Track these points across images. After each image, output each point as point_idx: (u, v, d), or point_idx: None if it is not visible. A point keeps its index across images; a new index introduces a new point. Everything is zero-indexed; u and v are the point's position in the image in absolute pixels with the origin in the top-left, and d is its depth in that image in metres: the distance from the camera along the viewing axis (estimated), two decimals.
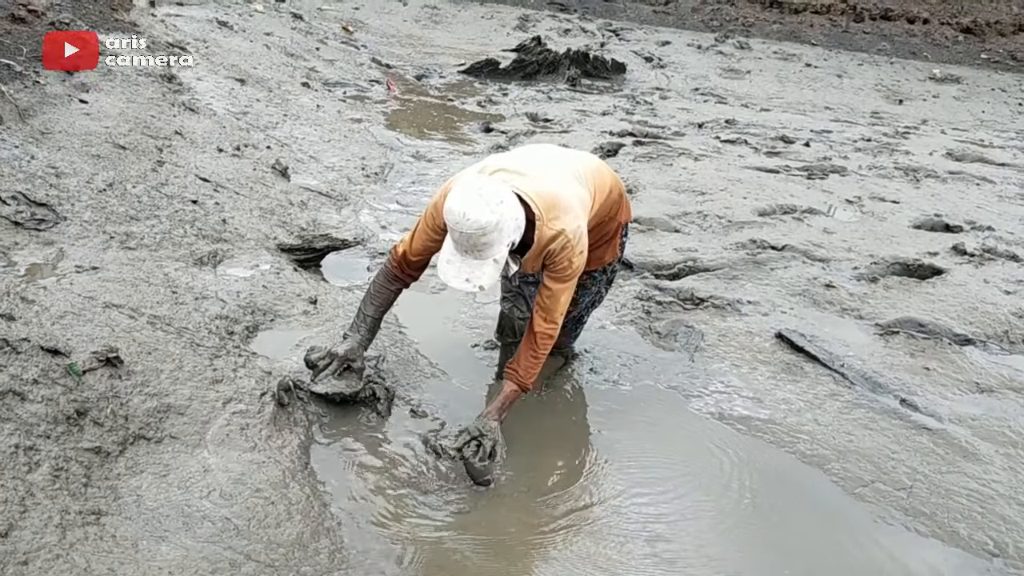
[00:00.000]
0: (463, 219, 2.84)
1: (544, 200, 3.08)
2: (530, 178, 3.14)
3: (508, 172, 3.16)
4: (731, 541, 3.00)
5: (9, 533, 2.24)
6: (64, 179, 4.20)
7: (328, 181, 6.23)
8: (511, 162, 3.29)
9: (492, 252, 2.93)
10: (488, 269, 2.94)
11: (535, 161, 3.35)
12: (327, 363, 3.41)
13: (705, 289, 4.95)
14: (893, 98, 14.33)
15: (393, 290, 3.46)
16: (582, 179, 3.34)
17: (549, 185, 3.15)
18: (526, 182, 3.11)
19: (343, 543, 2.72)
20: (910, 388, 4.09)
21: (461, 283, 2.95)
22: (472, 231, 2.84)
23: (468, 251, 2.92)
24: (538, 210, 3.05)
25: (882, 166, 8.49)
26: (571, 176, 3.30)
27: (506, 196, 2.93)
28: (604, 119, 9.87)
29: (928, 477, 3.45)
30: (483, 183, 2.98)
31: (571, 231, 3.08)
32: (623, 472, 3.34)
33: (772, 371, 4.18)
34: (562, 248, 3.09)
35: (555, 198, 3.11)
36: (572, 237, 3.09)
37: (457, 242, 2.94)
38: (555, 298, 3.19)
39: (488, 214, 2.84)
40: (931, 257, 5.61)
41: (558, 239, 3.08)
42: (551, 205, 3.09)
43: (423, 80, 11.78)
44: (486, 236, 2.86)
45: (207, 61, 8.17)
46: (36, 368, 2.79)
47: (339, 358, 3.39)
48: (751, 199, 6.60)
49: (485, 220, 2.83)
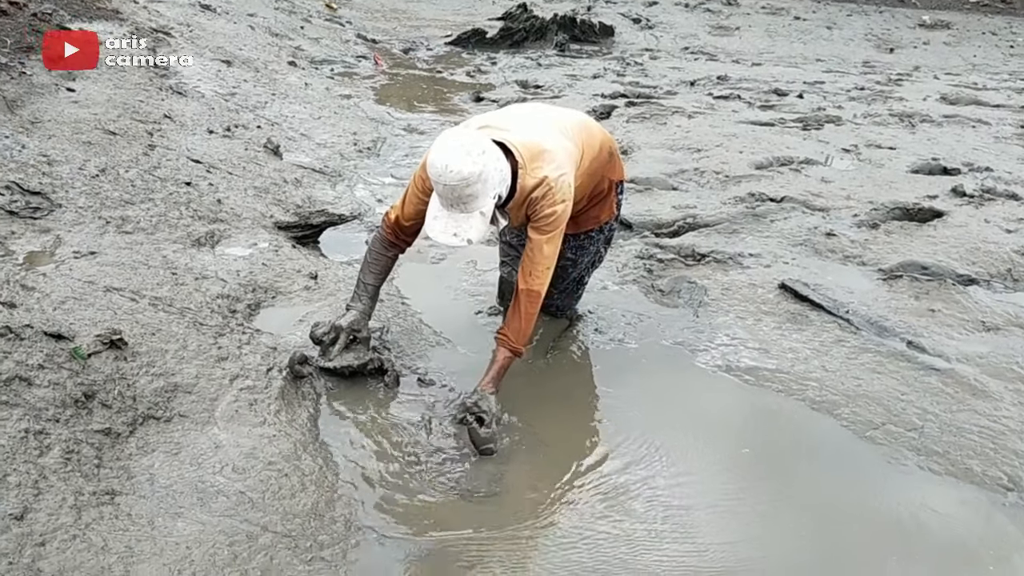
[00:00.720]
0: (446, 171, 2.81)
1: (528, 149, 3.06)
2: (514, 131, 3.13)
3: (493, 128, 3.14)
4: (744, 493, 2.99)
5: (25, 516, 2.24)
6: (56, 167, 4.17)
7: (321, 158, 6.20)
8: (496, 119, 3.27)
9: (478, 204, 2.90)
10: (475, 222, 2.91)
11: (521, 117, 3.32)
12: (333, 337, 3.40)
13: (706, 244, 4.93)
14: (884, 47, 14.24)
15: (390, 256, 3.45)
16: (569, 134, 3.30)
17: (534, 136, 3.13)
18: (511, 134, 3.09)
19: (358, 512, 2.72)
20: (916, 330, 4.08)
21: (449, 238, 2.92)
22: (455, 182, 2.81)
23: (454, 204, 2.90)
24: (521, 159, 3.03)
25: (877, 114, 8.44)
26: (557, 131, 3.27)
27: (488, 146, 2.90)
28: (595, 82, 9.81)
29: (939, 417, 3.45)
30: (464, 135, 2.95)
31: (553, 178, 3.05)
32: (632, 430, 3.32)
33: (777, 321, 4.17)
34: (544, 196, 3.06)
35: (539, 147, 3.08)
36: (554, 184, 3.05)
37: (442, 196, 2.90)
38: (539, 251, 3.12)
39: (471, 164, 2.81)
40: (930, 200, 5.59)
41: (540, 186, 3.05)
42: (535, 155, 3.06)
43: (410, 53, 11.70)
44: (470, 187, 2.83)
45: (192, 44, 8.09)
46: (41, 353, 2.78)
47: (344, 330, 3.38)
48: (747, 153, 6.56)
49: (468, 170, 2.80)
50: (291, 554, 2.46)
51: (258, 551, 2.43)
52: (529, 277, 3.13)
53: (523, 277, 3.15)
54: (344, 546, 2.54)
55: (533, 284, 3.14)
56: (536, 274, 3.13)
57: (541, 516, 2.82)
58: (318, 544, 2.53)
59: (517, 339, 3.18)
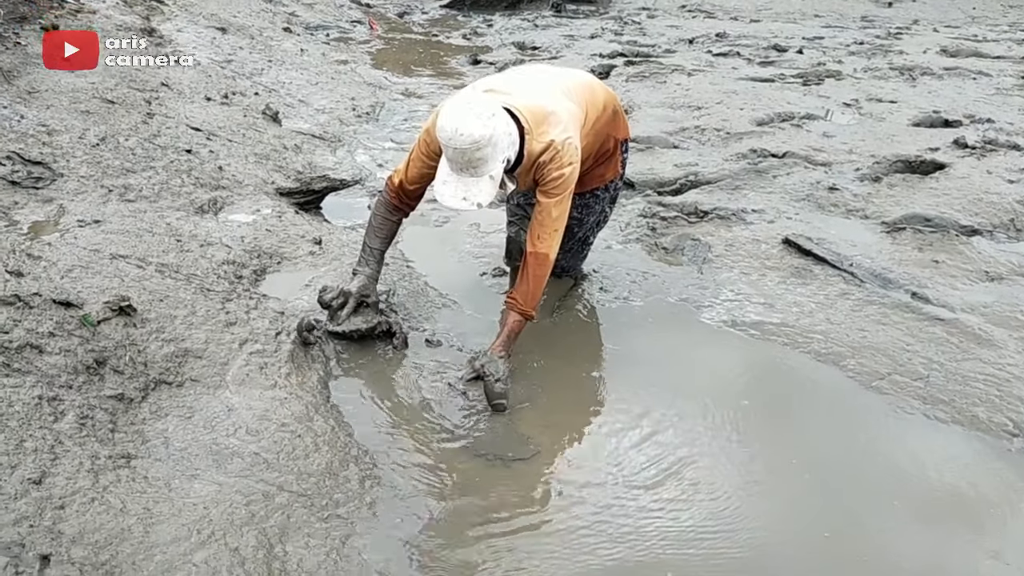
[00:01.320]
0: (456, 134, 2.81)
1: (533, 114, 3.06)
2: (519, 95, 3.12)
3: (497, 92, 3.14)
4: (750, 445, 3.01)
5: (43, 480, 2.27)
6: (56, 136, 4.15)
7: (320, 123, 6.17)
8: (500, 83, 3.27)
9: (487, 168, 2.90)
10: (485, 186, 2.91)
11: (524, 80, 3.32)
12: (341, 302, 3.40)
13: (708, 202, 4.92)
14: (882, 1, 14.09)
15: (394, 220, 3.45)
16: (572, 95, 3.30)
17: (539, 100, 3.12)
18: (515, 98, 3.09)
19: (371, 470, 2.75)
20: (920, 281, 4.09)
21: (459, 202, 2.92)
22: (466, 146, 2.82)
23: (463, 168, 2.90)
24: (527, 124, 3.03)
25: (877, 67, 8.39)
26: (560, 93, 3.26)
27: (497, 110, 2.91)
28: (593, 42, 9.74)
29: (944, 366, 3.47)
30: (474, 99, 2.95)
31: (559, 141, 3.05)
32: (639, 387, 3.34)
33: (781, 276, 4.18)
34: (551, 159, 3.06)
35: (544, 111, 3.08)
36: (561, 148, 3.05)
37: (452, 160, 2.91)
38: (548, 214, 3.13)
39: (481, 127, 2.81)
40: (932, 153, 5.57)
41: (547, 150, 3.06)
42: (540, 119, 3.07)
43: (405, 17, 11.60)
44: (480, 151, 2.84)
45: (186, 12, 8.02)
46: (51, 321, 2.79)
47: (353, 295, 3.39)
48: (748, 110, 6.53)
49: (479, 134, 2.80)
50: (307, 512, 2.49)
51: (275, 510, 2.46)
52: (538, 240, 3.14)
53: (531, 240, 3.16)
54: (360, 503, 2.57)
55: (541, 247, 3.15)
56: (544, 237, 3.14)
57: (547, 472, 2.85)
58: (334, 502, 2.56)
59: (526, 302, 3.20)
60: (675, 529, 2.60)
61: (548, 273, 3.22)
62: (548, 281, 3.96)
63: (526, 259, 3.19)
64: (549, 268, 3.20)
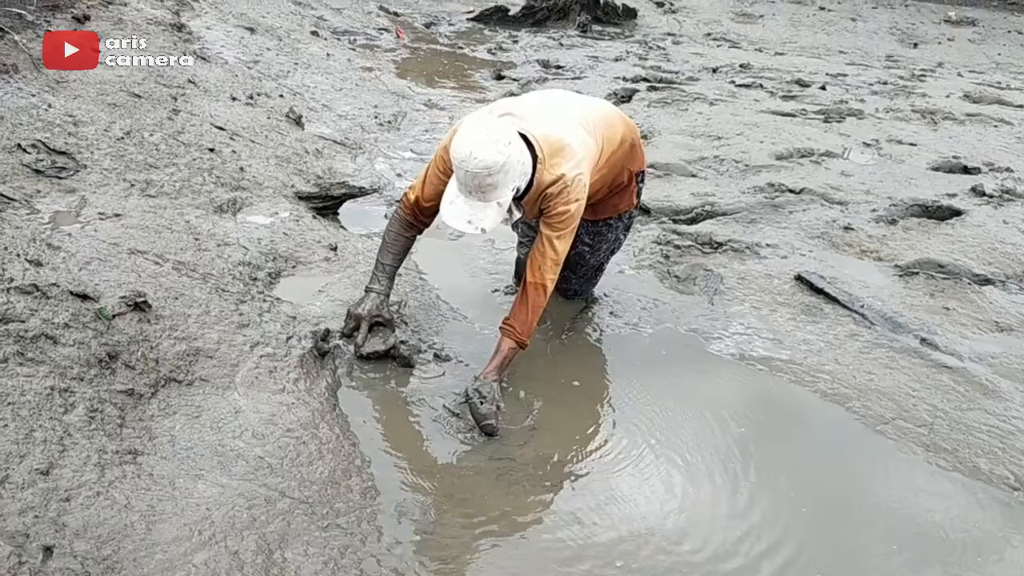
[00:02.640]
0: (470, 158, 2.82)
1: (549, 144, 3.07)
2: (536, 122, 3.13)
3: (515, 116, 3.16)
4: (753, 484, 3.02)
5: (50, 471, 2.29)
6: (82, 127, 4.20)
7: (342, 129, 6.21)
8: (519, 107, 3.27)
9: (497, 195, 2.92)
10: (491, 212, 2.93)
11: (543, 107, 3.32)
12: (353, 326, 3.42)
13: (723, 233, 4.94)
14: (908, 41, 14.13)
15: (408, 237, 3.47)
16: (590, 128, 3.31)
17: (556, 130, 3.13)
18: (533, 125, 3.10)
19: (373, 481, 2.76)
20: (930, 328, 4.09)
21: (463, 224, 2.94)
22: (478, 170, 2.83)
23: (472, 192, 2.91)
24: (541, 153, 3.04)
25: (899, 109, 8.40)
26: (578, 124, 3.27)
27: (514, 138, 2.92)
28: (617, 65, 9.78)
29: (949, 414, 3.47)
30: (492, 124, 2.97)
31: (570, 177, 3.06)
32: (644, 414, 3.35)
33: (792, 313, 4.18)
34: (559, 193, 3.08)
35: (559, 143, 3.09)
36: (570, 183, 3.06)
37: (462, 182, 2.92)
38: (549, 246, 3.14)
39: (495, 154, 2.82)
40: (950, 198, 5.57)
41: (556, 183, 3.07)
42: (555, 150, 3.08)
43: (432, 28, 11.66)
44: (491, 177, 2.85)
45: (216, 10, 8.09)
46: (67, 312, 2.82)
47: (364, 318, 3.39)
48: (768, 143, 6.55)
49: (492, 160, 2.82)
50: (308, 520, 2.51)
51: (276, 515, 2.47)
52: (537, 271, 3.15)
53: (531, 270, 3.17)
54: (360, 514, 2.59)
55: (540, 278, 3.16)
56: (544, 268, 3.15)
57: (544, 493, 2.86)
58: (334, 511, 2.57)
59: (522, 330, 3.20)
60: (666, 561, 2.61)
61: (545, 303, 3.23)
62: (559, 301, 4.04)
63: (524, 288, 3.19)
64: (546, 298, 3.22)
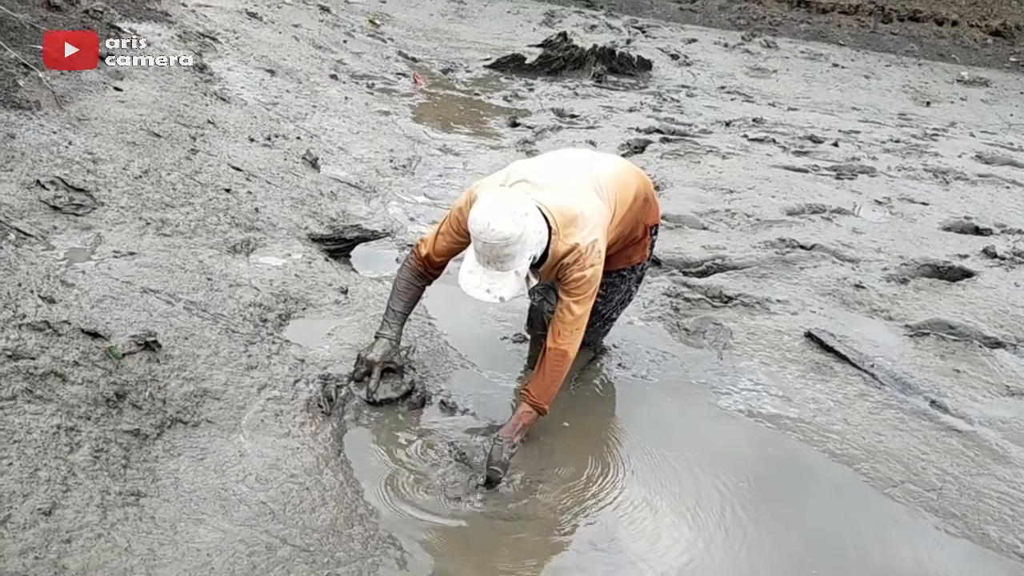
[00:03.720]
0: (487, 229, 2.86)
1: (562, 215, 3.10)
2: (550, 191, 3.16)
3: (530, 184, 3.19)
4: (758, 543, 2.99)
5: (52, 511, 2.28)
6: (101, 165, 4.24)
7: (357, 172, 6.26)
8: (533, 173, 3.30)
9: (514, 264, 2.94)
10: (509, 280, 2.95)
11: (557, 172, 3.35)
12: (365, 371, 3.43)
13: (734, 287, 4.94)
14: (921, 100, 14.19)
15: (419, 286, 3.50)
16: (603, 191, 3.33)
17: (568, 200, 3.16)
18: (546, 195, 3.13)
19: (376, 531, 2.74)
20: (940, 390, 4.07)
21: (482, 294, 2.96)
22: (496, 241, 2.86)
23: (491, 262, 2.94)
24: (555, 224, 3.07)
25: (911, 167, 8.42)
26: (591, 189, 3.29)
27: (530, 209, 2.96)
28: (631, 115, 9.85)
29: (958, 479, 3.44)
30: (509, 195, 3.01)
31: (584, 245, 3.09)
32: (650, 468, 3.34)
33: (801, 370, 4.17)
34: (575, 262, 3.10)
35: (572, 213, 3.12)
36: (584, 251, 3.09)
37: (480, 252, 2.95)
38: (569, 312, 3.14)
39: (512, 225, 2.86)
40: (961, 259, 5.56)
41: (571, 253, 3.09)
42: (568, 220, 3.10)
43: (449, 74, 11.78)
44: (509, 247, 2.88)
45: (237, 51, 8.20)
46: (77, 350, 2.83)
47: (377, 364, 3.42)
48: (779, 198, 6.57)
49: (509, 231, 2.85)
50: (308, 569, 2.49)
51: (276, 563, 2.46)
52: (558, 337, 3.16)
53: (552, 336, 3.18)
54: (361, 564, 2.57)
55: (561, 344, 3.15)
56: (565, 335, 3.15)
57: (550, 546, 2.84)
58: (335, 560, 2.55)
59: (540, 396, 3.19)
60: None
61: (566, 369, 3.22)
62: None
63: (545, 354, 3.20)
64: (567, 365, 3.21)
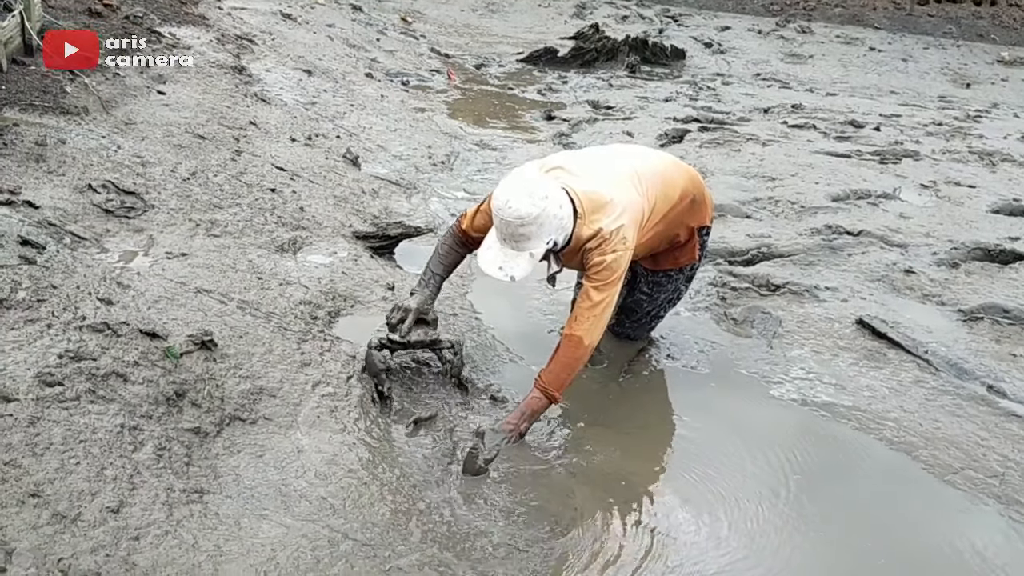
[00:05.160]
0: (505, 206, 2.87)
1: (591, 200, 3.07)
2: (584, 178, 3.15)
3: (564, 171, 3.18)
4: (813, 532, 2.96)
5: (120, 509, 2.31)
6: (149, 168, 4.30)
7: (397, 170, 6.28)
8: (571, 161, 3.29)
9: (529, 245, 2.94)
10: (523, 261, 2.95)
11: (595, 162, 3.33)
12: (401, 316, 3.42)
13: (781, 275, 4.88)
14: (960, 82, 13.97)
15: (460, 253, 3.49)
16: (641, 185, 3.27)
17: (600, 186, 3.13)
18: (578, 181, 3.12)
19: (433, 526, 2.75)
20: (997, 375, 3.99)
21: (494, 270, 2.97)
22: (512, 219, 2.87)
23: (506, 239, 2.95)
24: (582, 208, 3.05)
25: (956, 150, 8.29)
26: (628, 181, 3.24)
27: (553, 192, 2.94)
28: (667, 105, 9.79)
29: (1021, 464, 3.37)
30: (533, 176, 3.01)
31: (608, 231, 3.05)
32: (704, 463, 3.30)
33: (854, 358, 4.11)
34: (597, 247, 3.07)
35: (602, 200, 3.09)
36: (608, 236, 3.05)
37: (498, 229, 2.96)
38: (588, 298, 3.10)
39: (530, 206, 2.85)
40: (1012, 242, 5.47)
41: (595, 238, 3.07)
42: (597, 206, 3.08)
43: (482, 69, 11.79)
44: (524, 227, 2.88)
45: (274, 53, 8.27)
46: (136, 351, 2.87)
47: (412, 311, 3.40)
48: (823, 184, 6.50)
49: (525, 211, 2.85)
50: (369, 563, 2.50)
51: (339, 557, 2.47)
52: (574, 322, 3.12)
53: (569, 322, 3.15)
54: (420, 558, 2.57)
55: (576, 329, 3.11)
56: (581, 320, 3.11)
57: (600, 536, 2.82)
58: (396, 554, 2.56)
59: (550, 383, 3.13)
60: None
61: (583, 357, 3.15)
62: (616, 343, 4.01)
63: (561, 340, 3.16)
64: (584, 353, 3.14)
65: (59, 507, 2.21)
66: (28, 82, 4.71)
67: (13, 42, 4.92)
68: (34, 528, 2.12)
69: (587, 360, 3.23)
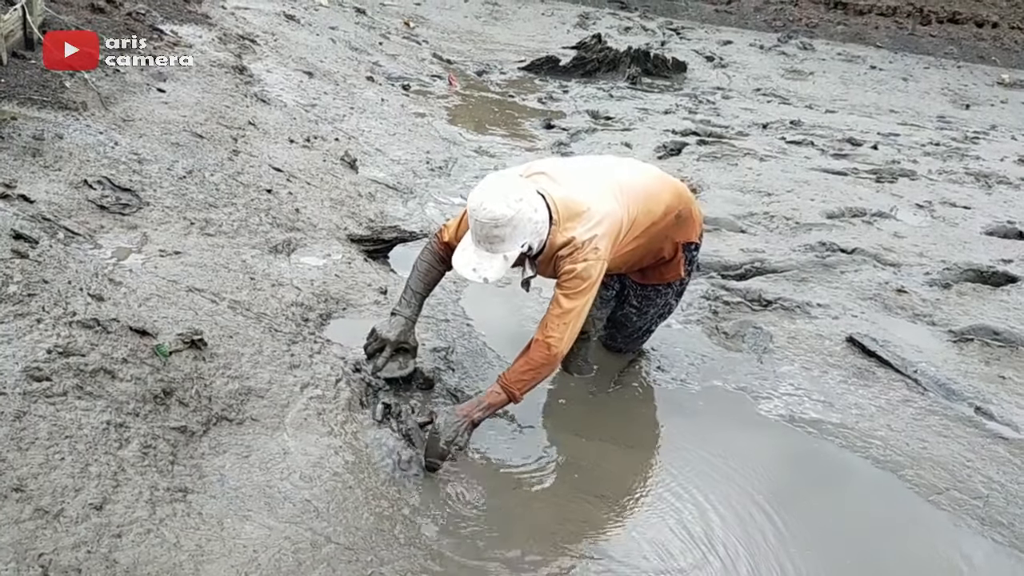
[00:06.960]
0: (480, 207, 2.87)
1: (567, 208, 3.07)
2: (563, 186, 3.14)
3: (546, 176, 3.18)
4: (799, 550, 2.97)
5: (103, 506, 2.31)
6: (146, 165, 4.30)
7: (394, 174, 6.29)
8: (553, 167, 3.29)
9: (503, 248, 2.93)
10: (496, 264, 2.95)
11: (577, 170, 3.31)
12: (378, 347, 3.42)
13: (773, 291, 4.90)
14: (960, 102, 14.02)
15: (439, 270, 3.47)
16: (623, 199, 3.25)
17: (578, 195, 3.12)
18: (557, 188, 3.11)
19: (418, 532, 2.75)
20: (985, 396, 4.01)
21: (468, 271, 2.97)
22: (486, 220, 2.87)
23: (481, 241, 2.95)
24: (557, 215, 3.04)
25: (952, 171, 8.32)
26: (610, 192, 3.22)
27: (528, 195, 2.93)
28: (666, 118, 9.81)
29: (1005, 487, 3.39)
30: (510, 178, 3.01)
31: (581, 240, 3.03)
32: (689, 473, 3.32)
33: (843, 375, 4.13)
34: (568, 255, 3.06)
35: (578, 208, 3.08)
36: (580, 245, 3.03)
37: (472, 230, 2.96)
38: (557, 305, 3.08)
39: (504, 208, 2.85)
40: (1005, 264, 5.48)
41: (567, 246, 3.05)
42: (572, 214, 3.07)
43: (484, 76, 11.81)
44: (498, 229, 2.88)
45: (276, 54, 8.28)
46: (125, 348, 2.87)
47: (391, 343, 3.39)
48: (819, 201, 6.52)
49: (499, 212, 2.85)
50: (351, 567, 2.50)
51: (321, 560, 2.47)
52: (544, 328, 3.09)
53: (540, 327, 3.12)
54: (404, 564, 2.57)
55: (546, 335, 3.08)
56: (551, 327, 3.07)
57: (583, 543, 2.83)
58: (379, 559, 2.57)
59: (511, 381, 3.09)
60: None
61: (550, 364, 3.11)
62: (607, 354, 4.02)
63: (529, 344, 3.15)
64: (550, 359, 3.09)
65: (42, 502, 2.21)
66: (28, 76, 4.71)
67: (14, 36, 4.92)
68: (16, 523, 2.12)
69: (555, 368, 3.22)
